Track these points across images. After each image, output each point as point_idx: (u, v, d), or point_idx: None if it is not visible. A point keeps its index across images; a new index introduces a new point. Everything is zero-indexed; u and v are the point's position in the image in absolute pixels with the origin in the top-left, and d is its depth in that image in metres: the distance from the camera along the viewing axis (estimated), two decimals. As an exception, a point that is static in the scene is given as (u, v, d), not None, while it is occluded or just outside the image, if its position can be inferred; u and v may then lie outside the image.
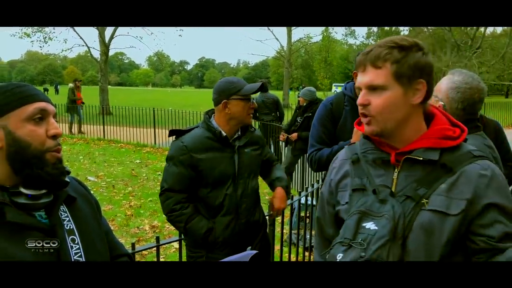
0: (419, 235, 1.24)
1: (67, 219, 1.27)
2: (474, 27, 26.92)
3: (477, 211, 1.23)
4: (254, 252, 1.41)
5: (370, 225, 1.26)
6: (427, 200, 1.25)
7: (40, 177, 1.19)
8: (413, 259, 1.23)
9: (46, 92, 49.19)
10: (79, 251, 1.25)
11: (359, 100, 1.32)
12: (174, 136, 2.57)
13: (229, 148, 2.51)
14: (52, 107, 1.26)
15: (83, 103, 15.31)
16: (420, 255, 1.23)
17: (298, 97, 7.05)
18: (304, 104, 6.81)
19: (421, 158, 1.28)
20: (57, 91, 51.05)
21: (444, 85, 2.15)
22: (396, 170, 1.32)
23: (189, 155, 2.42)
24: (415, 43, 1.30)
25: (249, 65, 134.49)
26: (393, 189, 1.30)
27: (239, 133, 2.58)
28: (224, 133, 2.49)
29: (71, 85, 16.03)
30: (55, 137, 1.22)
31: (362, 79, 1.32)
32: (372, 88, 1.29)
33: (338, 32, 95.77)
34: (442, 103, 2.12)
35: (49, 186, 1.22)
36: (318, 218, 1.58)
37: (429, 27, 29.05)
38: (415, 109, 1.32)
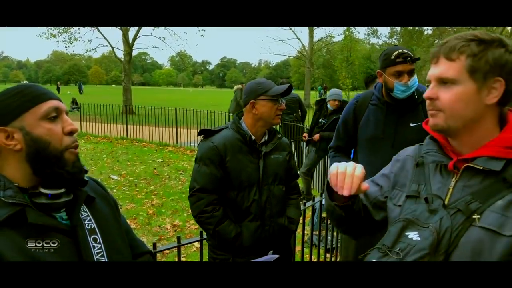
0: (465, 252, 1.13)
1: (88, 218, 1.28)
2: (500, 27, 26.30)
3: None
4: (276, 256, 1.40)
5: (413, 235, 1.19)
6: (479, 216, 1.14)
7: (61, 176, 1.19)
8: None
9: (57, 92, 48.94)
10: (101, 250, 1.25)
11: (426, 93, 1.23)
12: (202, 136, 2.57)
13: (255, 153, 2.51)
14: (64, 105, 1.26)
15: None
16: None
17: (327, 99, 6.77)
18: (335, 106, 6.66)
19: (481, 168, 1.17)
20: (81, 90, 51.23)
21: None
22: (454, 178, 1.23)
23: (219, 155, 2.42)
24: (498, 38, 1.18)
25: (270, 65, 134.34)
26: (446, 200, 1.22)
27: (266, 137, 2.57)
28: (253, 137, 2.49)
29: (239, 86, 14.96)
30: (71, 133, 1.23)
31: (433, 71, 1.22)
32: (443, 82, 1.20)
33: (360, 32, 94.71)
34: None
35: (69, 184, 1.23)
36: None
37: (453, 27, 28.45)
38: (489, 110, 1.20)
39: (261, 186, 2.49)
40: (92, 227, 1.27)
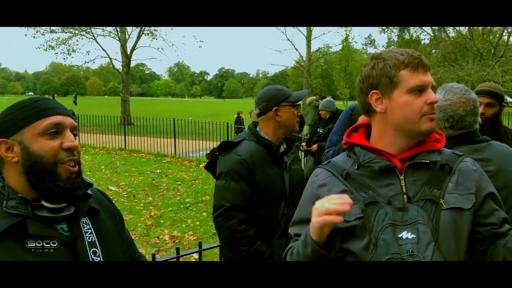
0: (447, 233, 1.28)
1: (89, 231, 1.28)
2: (497, 36, 26.46)
3: (479, 202, 1.34)
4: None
5: (406, 235, 1.24)
6: (443, 200, 1.30)
7: (52, 191, 1.18)
8: (448, 257, 1.26)
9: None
10: None
11: (435, 98, 1.33)
12: (216, 150, 2.40)
13: (279, 164, 2.35)
14: (70, 120, 1.25)
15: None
16: (451, 252, 1.28)
17: (319, 110, 6.94)
18: (327, 116, 6.81)
19: (428, 161, 1.33)
20: (75, 102, 49.79)
21: None
22: (401, 176, 1.34)
23: (248, 169, 2.25)
24: None
25: (268, 75, 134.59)
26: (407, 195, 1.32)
27: (285, 146, 2.43)
28: (278, 147, 2.36)
29: (313, 98, 12.50)
30: (70, 150, 1.21)
31: (430, 78, 1.35)
32: (433, 88, 1.36)
33: (358, 42, 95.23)
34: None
35: (65, 199, 1.21)
36: (296, 234, 1.43)
37: (450, 36, 28.62)
38: None
39: (288, 200, 2.33)
40: (93, 240, 1.27)
